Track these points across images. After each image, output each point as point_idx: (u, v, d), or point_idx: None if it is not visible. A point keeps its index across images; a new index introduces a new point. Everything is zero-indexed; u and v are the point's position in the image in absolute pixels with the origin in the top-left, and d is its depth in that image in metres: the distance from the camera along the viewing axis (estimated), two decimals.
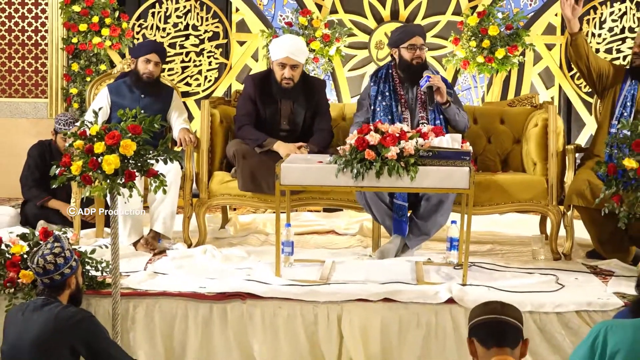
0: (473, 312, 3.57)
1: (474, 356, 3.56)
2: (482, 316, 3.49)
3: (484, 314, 3.49)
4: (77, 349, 4.55)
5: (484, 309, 3.52)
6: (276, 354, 5.50)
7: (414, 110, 6.48)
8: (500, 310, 3.50)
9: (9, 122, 8.83)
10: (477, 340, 3.51)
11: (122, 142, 5.23)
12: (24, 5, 8.84)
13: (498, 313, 3.48)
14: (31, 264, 4.70)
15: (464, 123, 6.53)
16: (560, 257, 6.50)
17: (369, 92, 6.57)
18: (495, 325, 3.47)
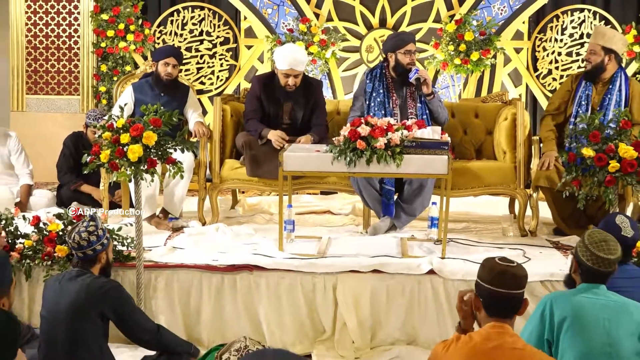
0: (487, 268, 3.50)
1: (476, 310, 3.55)
2: (497, 288, 3.43)
3: (500, 286, 3.42)
4: (106, 314, 4.56)
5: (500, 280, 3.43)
6: (279, 318, 5.52)
7: (404, 106, 6.48)
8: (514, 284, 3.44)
9: (46, 116, 8.82)
10: (483, 305, 3.50)
11: (144, 134, 5.24)
12: (59, 14, 8.82)
13: (512, 287, 3.43)
14: (68, 239, 4.71)
15: (444, 116, 6.55)
16: (526, 234, 6.51)
17: (364, 88, 6.57)
18: (506, 302, 3.44)
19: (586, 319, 3.85)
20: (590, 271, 3.97)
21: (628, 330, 3.88)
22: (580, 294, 3.95)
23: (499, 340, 3.35)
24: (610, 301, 3.93)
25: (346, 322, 5.46)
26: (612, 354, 3.82)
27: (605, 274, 3.97)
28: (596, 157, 5.31)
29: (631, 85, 6.36)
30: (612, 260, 3.93)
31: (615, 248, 3.97)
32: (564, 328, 3.85)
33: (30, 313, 5.54)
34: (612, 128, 5.47)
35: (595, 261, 3.94)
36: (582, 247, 4.00)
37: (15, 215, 5.90)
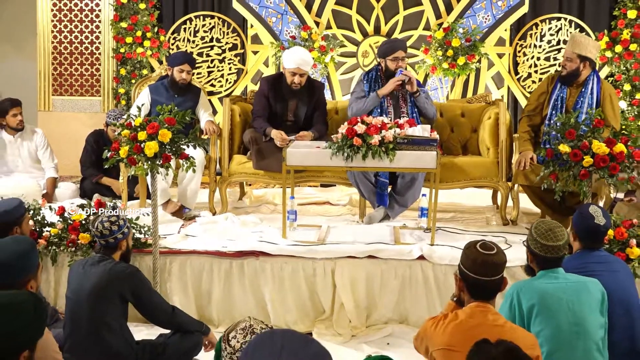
0: (469, 257, 3.49)
1: (460, 291, 3.55)
2: (479, 276, 3.42)
3: (482, 274, 3.42)
4: (125, 297, 4.56)
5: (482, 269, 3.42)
6: (283, 300, 5.53)
7: (397, 105, 6.48)
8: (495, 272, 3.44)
9: (70, 115, 8.81)
10: (467, 288, 3.50)
11: (160, 131, 5.25)
12: (82, 22, 8.80)
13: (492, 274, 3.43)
14: (92, 227, 4.71)
15: (432, 111, 6.53)
16: (508, 222, 6.51)
17: (362, 87, 6.58)
18: (488, 287, 3.44)
19: (551, 303, 3.85)
20: (544, 259, 3.98)
21: (589, 307, 3.89)
22: (542, 281, 3.95)
23: (481, 318, 3.37)
24: (569, 282, 3.94)
25: (344, 303, 5.47)
26: (580, 332, 3.83)
27: (558, 259, 3.98)
28: (572, 153, 5.31)
29: (603, 87, 6.33)
30: (561, 246, 3.94)
31: (561, 234, 3.97)
32: (533, 314, 3.84)
33: (56, 295, 5.55)
34: (586, 126, 5.47)
35: (546, 250, 3.94)
36: (531, 240, 4.01)
37: (42, 206, 5.91)
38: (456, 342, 3.25)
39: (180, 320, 4.76)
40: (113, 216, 4.67)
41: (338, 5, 8.62)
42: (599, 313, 3.93)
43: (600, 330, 3.91)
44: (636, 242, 5.32)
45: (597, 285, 3.97)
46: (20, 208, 4.88)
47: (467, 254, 3.50)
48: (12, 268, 3.78)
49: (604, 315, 3.96)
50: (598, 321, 3.91)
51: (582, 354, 3.85)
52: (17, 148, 7.37)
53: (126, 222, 4.73)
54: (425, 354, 3.49)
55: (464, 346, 2.69)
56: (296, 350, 1.86)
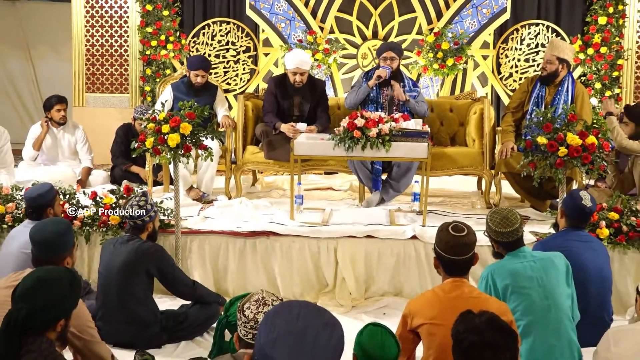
0: (442, 239, 3.49)
1: (436, 268, 3.56)
2: (450, 255, 3.44)
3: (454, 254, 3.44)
4: (151, 272, 4.58)
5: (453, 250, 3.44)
6: (291, 274, 5.53)
7: (391, 101, 6.47)
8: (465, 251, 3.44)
9: (102, 110, 8.81)
10: (442, 266, 3.50)
11: (181, 125, 5.27)
12: (112, 27, 8.79)
13: (462, 254, 3.43)
14: (123, 210, 4.73)
15: (423, 110, 6.50)
16: (491, 206, 6.47)
17: (361, 84, 6.56)
18: (461, 265, 3.45)
19: (523, 281, 3.84)
20: (507, 244, 3.96)
21: (557, 280, 3.89)
22: (512, 261, 3.93)
23: (458, 291, 3.39)
24: (537, 260, 3.92)
25: (345, 277, 5.47)
26: (551, 304, 3.82)
27: (518, 240, 3.96)
28: (548, 144, 5.31)
29: (576, 87, 6.36)
30: (517, 228, 3.93)
31: (514, 218, 3.96)
32: (508, 293, 3.83)
33: (90, 270, 5.56)
34: (562, 120, 5.47)
35: (506, 236, 3.93)
36: (491, 231, 4.00)
37: (77, 191, 5.92)
38: (437, 315, 3.24)
39: (199, 292, 4.78)
40: (142, 200, 4.69)
41: (340, 12, 8.60)
42: (566, 285, 3.93)
43: (567, 300, 3.92)
44: (605, 224, 5.33)
45: (562, 259, 3.97)
46: (52, 191, 4.88)
47: (440, 237, 3.50)
48: (51, 246, 3.80)
49: (569, 285, 3.97)
50: (565, 292, 3.91)
51: (555, 323, 3.85)
52: (59, 140, 7.42)
53: (154, 206, 4.76)
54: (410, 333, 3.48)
55: (445, 318, 2.70)
56: (310, 318, 1.88)
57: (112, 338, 4.38)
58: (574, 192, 4.60)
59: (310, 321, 1.87)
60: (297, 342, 1.81)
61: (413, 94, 6.49)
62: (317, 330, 1.85)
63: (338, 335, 1.87)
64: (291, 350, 1.80)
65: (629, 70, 8.42)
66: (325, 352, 1.83)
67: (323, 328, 1.87)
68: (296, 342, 1.81)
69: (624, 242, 5.32)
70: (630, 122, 6.00)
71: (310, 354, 1.80)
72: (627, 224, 5.35)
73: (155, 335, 4.59)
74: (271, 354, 1.79)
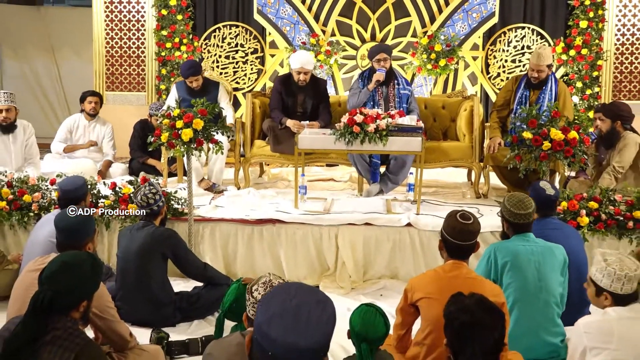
0: (450, 225, 3.49)
1: (440, 250, 3.56)
2: (456, 240, 3.44)
3: (460, 239, 3.44)
4: (166, 255, 4.59)
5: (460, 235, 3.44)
6: (295, 259, 5.54)
7: (387, 99, 6.45)
8: (470, 238, 3.45)
9: (121, 107, 8.81)
10: (446, 249, 3.51)
11: (194, 121, 5.27)
12: (130, 31, 8.78)
13: (467, 239, 3.44)
14: (135, 199, 4.73)
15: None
16: (480, 196, 6.48)
17: (358, 84, 6.54)
18: (464, 249, 3.46)
19: (522, 261, 3.88)
20: (517, 225, 4.00)
21: (552, 267, 3.92)
22: (515, 243, 3.97)
23: (457, 272, 3.40)
24: (538, 246, 3.97)
25: (345, 261, 5.48)
26: (542, 286, 3.86)
27: (528, 224, 4.01)
28: (533, 139, 5.32)
29: (559, 86, 6.36)
30: (530, 213, 3.97)
31: (529, 203, 4.00)
32: (506, 269, 3.88)
33: (109, 255, 5.57)
34: (545, 117, 5.48)
35: (519, 217, 3.97)
36: (505, 211, 4.03)
37: (98, 182, 5.92)
38: (435, 290, 3.26)
39: (210, 274, 4.79)
40: (152, 189, 4.70)
41: (341, 17, 8.58)
42: (560, 274, 3.96)
43: (559, 287, 3.94)
44: (585, 212, 5.33)
45: (562, 251, 4.01)
46: (85, 185, 4.86)
47: (448, 222, 3.51)
48: (74, 232, 3.81)
49: (563, 276, 3.99)
50: (558, 280, 3.94)
51: (543, 304, 3.88)
52: (87, 133, 7.45)
53: (162, 195, 4.77)
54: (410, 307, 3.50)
55: (442, 294, 2.71)
56: (304, 296, 1.89)
57: (131, 317, 4.39)
58: (535, 186, 4.58)
59: (304, 299, 1.88)
60: (292, 318, 1.82)
61: (406, 92, 6.48)
62: (310, 307, 1.86)
63: (330, 311, 1.88)
64: (286, 327, 1.80)
65: (608, 71, 8.42)
66: (318, 327, 1.83)
67: (316, 305, 1.87)
68: (291, 319, 1.82)
69: (603, 229, 5.33)
70: (607, 119, 6.00)
71: (304, 329, 1.81)
72: (605, 213, 5.35)
73: (170, 314, 4.60)
74: (267, 331, 1.80)
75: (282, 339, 1.78)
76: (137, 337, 3.94)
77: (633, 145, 5.86)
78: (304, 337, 1.79)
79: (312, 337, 1.80)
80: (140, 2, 8.77)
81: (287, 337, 1.78)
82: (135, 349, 3.81)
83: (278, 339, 1.78)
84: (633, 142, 5.88)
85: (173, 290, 4.70)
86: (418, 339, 3.40)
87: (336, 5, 8.52)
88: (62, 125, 7.48)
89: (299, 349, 1.78)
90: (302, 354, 1.79)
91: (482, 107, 6.92)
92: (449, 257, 3.50)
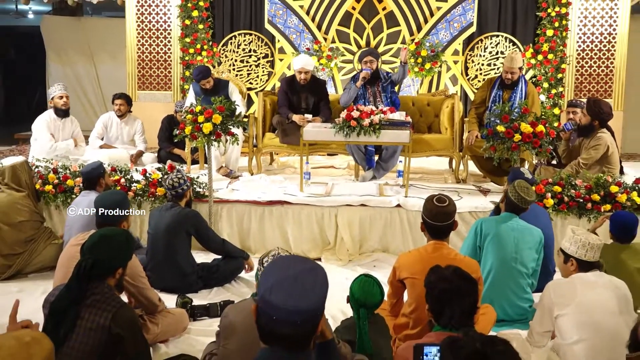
0: (428, 208, 3.44)
1: (422, 231, 3.55)
2: (434, 222, 3.40)
3: (437, 221, 3.39)
4: (189, 232, 4.60)
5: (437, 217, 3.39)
6: (300, 235, 5.54)
7: (375, 96, 6.45)
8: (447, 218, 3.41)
9: (150, 104, 8.79)
10: (427, 230, 3.48)
11: (213, 116, 5.25)
12: (158, 38, 8.75)
13: (444, 220, 3.40)
14: (164, 183, 4.74)
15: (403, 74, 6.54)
16: (460, 181, 6.48)
17: (349, 84, 6.53)
18: (443, 229, 3.43)
19: (502, 235, 3.91)
20: (513, 205, 4.04)
21: (528, 244, 3.94)
22: (502, 220, 3.99)
23: (438, 253, 3.37)
24: (520, 226, 4.00)
25: (343, 237, 5.49)
26: (517, 258, 3.90)
27: (521, 209, 4.04)
28: (506, 132, 5.31)
29: (528, 86, 6.34)
30: (530, 201, 4.03)
31: (533, 194, 4.07)
32: (488, 240, 3.91)
33: (141, 231, 5.57)
34: (517, 113, 5.47)
35: (519, 200, 4.01)
36: (512, 189, 4.06)
37: (131, 169, 5.93)
38: (419, 271, 3.22)
39: (228, 248, 4.80)
40: (178, 174, 4.71)
41: (340, 26, 8.53)
42: (535, 251, 4.00)
43: (532, 262, 3.99)
44: (550, 195, 5.34)
45: (539, 233, 4.05)
46: (101, 167, 4.85)
47: (426, 206, 3.48)
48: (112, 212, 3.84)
49: (538, 253, 4.03)
50: (532, 256, 3.98)
51: (516, 273, 3.91)
52: (120, 129, 7.45)
53: (187, 179, 4.77)
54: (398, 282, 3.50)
55: (424, 275, 2.71)
56: (298, 266, 1.91)
57: (159, 285, 4.42)
58: (515, 170, 4.60)
59: (298, 268, 1.89)
60: (290, 286, 1.83)
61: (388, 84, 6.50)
62: (304, 274, 1.87)
63: (322, 277, 1.89)
64: (286, 294, 1.81)
65: (570, 73, 8.39)
66: (313, 291, 1.84)
67: (309, 272, 1.89)
68: (289, 287, 1.83)
69: (565, 210, 5.34)
70: (588, 115, 5.92)
71: (301, 294, 1.82)
72: (567, 195, 5.36)
73: (193, 282, 4.62)
74: (270, 299, 1.81)
75: (283, 304, 1.80)
76: (165, 301, 3.97)
77: (603, 146, 5.81)
78: (302, 301, 1.81)
79: (309, 300, 1.82)
80: (167, 14, 8.74)
81: (287, 303, 1.80)
82: (163, 312, 3.85)
83: (280, 305, 1.80)
84: (604, 143, 5.81)
85: (195, 262, 4.72)
86: (405, 311, 3.40)
87: (336, 17, 8.48)
88: (98, 121, 7.48)
89: (298, 311, 1.80)
90: (301, 316, 1.81)
91: (461, 104, 6.88)
92: (431, 237, 3.48)
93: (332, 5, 8.45)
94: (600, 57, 8.38)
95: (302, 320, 1.81)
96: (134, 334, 2.77)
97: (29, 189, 5.19)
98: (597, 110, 5.86)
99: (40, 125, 6.77)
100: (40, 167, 5.77)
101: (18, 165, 5.17)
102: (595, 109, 5.88)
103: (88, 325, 2.71)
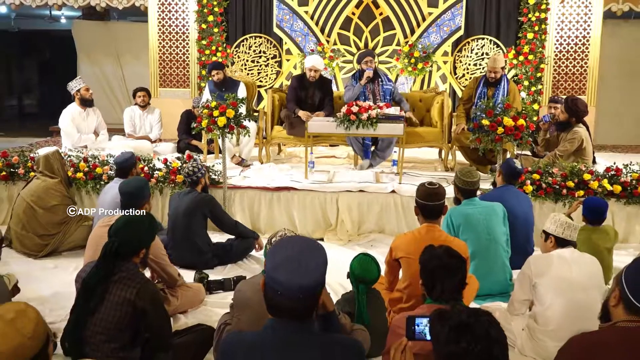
0: (420, 190, 3.43)
1: (416, 214, 3.53)
2: (427, 202, 3.38)
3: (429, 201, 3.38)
4: (206, 214, 4.59)
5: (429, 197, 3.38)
6: (305, 217, 5.53)
7: (374, 93, 6.41)
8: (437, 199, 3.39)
9: (170, 100, 8.76)
10: (421, 212, 3.47)
11: (227, 111, 5.23)
12: (177, 40, 8.71)
13: (436, 200, 3.39)
14: (182, 171, 4.72)
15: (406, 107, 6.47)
16: (448, 169, 6.45)
17: (352, 82, 6.49)
18: (434, 209, 3.41)
19: (472, 221, 3.89)
20: (465, 190, 4.03)
21: (497, 222, 3.95)
22: (465, 207, 3.97)
23: (430, 235, 3.36)
24: (483, 207, 3.99)
25: (343, 220, 5.48)
26: (491, 239, 3.88)
27: (474, 190, 4.04)
28: (490, 125, 5.28)
29: (510, 84, 6.30)
30: (475, 181, 4.01)
31: (475, 174, 4.05)
32: (460, 229, 3.88)
33: (162, 214, 5.57)
34: (500, 108, 5.44)
35: (467, 184, 4.01)
36: (457, 179, 4.08)
37: (153, 158, 5.91)
38: (413, 251, 3.21)
39: (240, 229, 4.79)
40: (194, 163, 4.70)
41: (341, 30, 8.48)
42: (503, 225, 4.00)
43: (503, 236, 3.99)
44: (530, 182, 5.32)
45: (500, 207, 4.05)
46: (133, 157, 4.86)
47: (419, 190, 3.48)
48: (135, 195, 3.83)
49: (505, 226, 4.04)
50: (502, 230, 3.98)
51: (494, 252, 3.90)
52: (142, 119, 7.48)
53: (203, 167, 4.75)
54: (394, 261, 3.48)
55: (418, 255, 2.69)
56: (301, 245, 1.90)
57: (179, 262, 4.42)
58: (509, 160, 4.61)
59: (302, 247, 1.89)
60: (293, 264, 1.83)
61: (389, 87, 6.44)
62: (307, 253, 1.87)
63: (322, 256, 1.89)
64: (289, 271, 1.81)
65: (549, 72, 8.35)
66: (316, 268, 1.84)
67: (310, 251, 1.88)
68: (292, 265, 1.83)
69: (543, 195, 5.32)
70: (565, 112, 5.90)
71: (304, 271, 1.82)
72: (545, 182, 5.34)
73: (209, 260, 4.62)
74: (275, 276, 1.81)
75: (288, 281, 1.80)
76: (184, 277, 3.97)
77: (578, 140, 5.79)
78: (303, 278, 1.81)
79: (311, 277, 1.82)
80: (186, 19, 8.69)
81: (292, 279, 1.80)
82: (182, 286, 3.85)
83: (284, 282, 1.80)
84: (579, 137, 5.80)
85: (211, 241, 4.72)
86: (400, 287, 3.39)
87: (337, 21, 8.43)
88: (125, 117, 7.53)
89: (300, 287, 1.80)
90: (305, 291, 1.81)
91: (450, 100, 6.84)
92: (424, 219, 3.46)
93: (334, 11, 8.40)
94: (575, 57, 8.33)
95: (304, 295, 1.82)
96: (156, 307, 2.77)
97: (61, 176, 5.17)
98: (574, 109, 5.87)
99: (65, 120, 6.87)
100: (72, 156, 5.77)
101: (50, 154, 5.15)
102: (573, 107, 5.88)
103: (115, 299, 2.71)
